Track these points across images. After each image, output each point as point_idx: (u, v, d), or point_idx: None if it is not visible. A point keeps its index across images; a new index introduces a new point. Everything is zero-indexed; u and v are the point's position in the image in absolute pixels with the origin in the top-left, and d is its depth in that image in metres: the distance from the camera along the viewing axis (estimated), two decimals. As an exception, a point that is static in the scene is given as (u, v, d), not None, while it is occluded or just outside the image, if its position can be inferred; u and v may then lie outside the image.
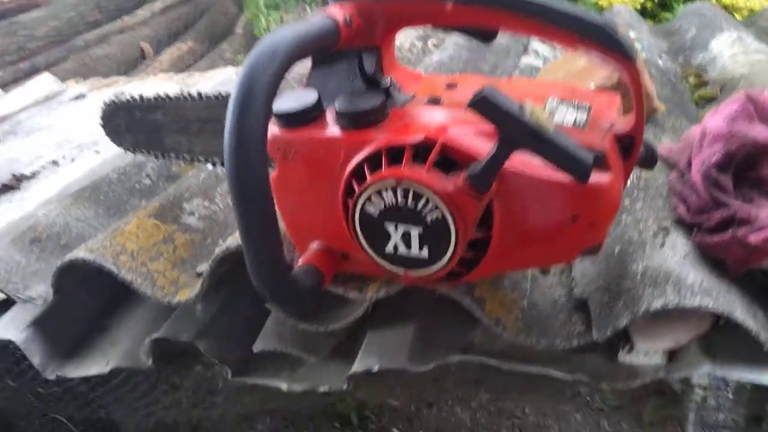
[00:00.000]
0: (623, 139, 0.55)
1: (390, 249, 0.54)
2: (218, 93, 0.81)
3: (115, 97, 0.87)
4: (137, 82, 1.77)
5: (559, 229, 0.52)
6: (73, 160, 1.22)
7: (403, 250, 0.53)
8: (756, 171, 0.66)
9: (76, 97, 1.62)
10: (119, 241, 0.76)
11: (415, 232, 0.52)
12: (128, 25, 3.48)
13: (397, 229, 0.52)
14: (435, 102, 0.58)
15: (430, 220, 0.51)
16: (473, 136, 0.52)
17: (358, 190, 0.52)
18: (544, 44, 1.47)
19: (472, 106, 0.46)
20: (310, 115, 0.57)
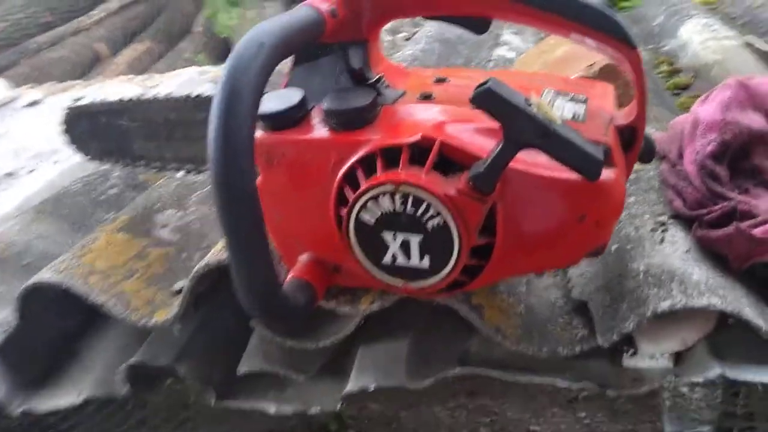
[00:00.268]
0: (624, 132, 0.53)
1: (388, 260, 0.50)
2: (186, 94, 0.76)
3: (77, 102, 0.82)
4: (96, 86, 1.70)
5: (565, 230, 0.49)
6: (31, 171, 1.15)
7: (402, 260, 0.50)
8: (749, 160, 0.65)
9: (31, 104, 1.54)
10: (88, 260, 0.71)
11: (415, 240, 0.48)
12: (82, 27, 3.35)
13: (395, 238, 0.49)
14: (427, 98, 0.55)
15: (431, 227, 0.47)
16: (473, 134, 0.49)
17: (352, 197, 0.48)
18: (516, 36, 1.46)
19: (475, 101, 0.43)
20: (296, 116, 0.53)
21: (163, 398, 0.77)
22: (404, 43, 1.54)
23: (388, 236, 0.49)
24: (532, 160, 0.47)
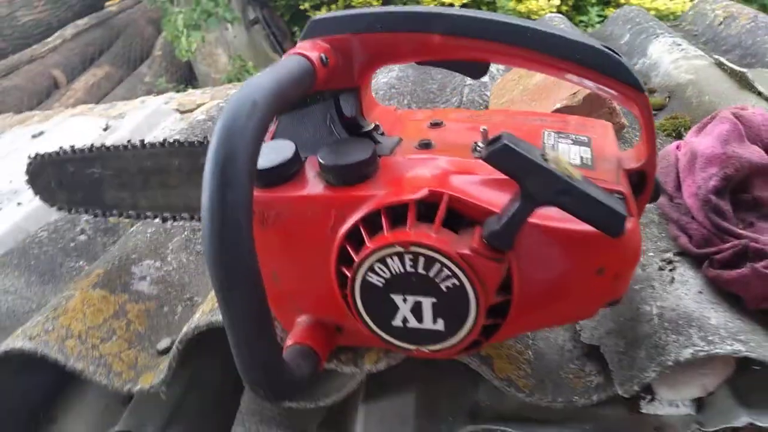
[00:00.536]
0: (633, 176, 0.51)
1: (398, 323, 0.47)
2: (164, 140, 0.72)
3: (37, 137, 0.76)
4: (56, 119, 1.63)
5: (583, 284, 0.46)
6: (-7, 215, 1.09)
7: (413, 323, 0.47)
8: (750, 193, 0.64)
9: (-13, 140, 1.46)
10: (63, 322, 0.66)
11: (428, 302, 0.45)
12: (38, 54, 3.25)
13: (405, 301, 0.46)
14: (426, 146, 0.52)
15: (445, 288, 0.44)
16: (480, 186, 0.46)
17: (357, 259, 0.45)
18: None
19: (491, 159, 0.40)
20: (289, 171, 0.49)
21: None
22: (377, 71, 1.52)
23: (397, 298, 0.46)
24: (545, 213, 0.44)
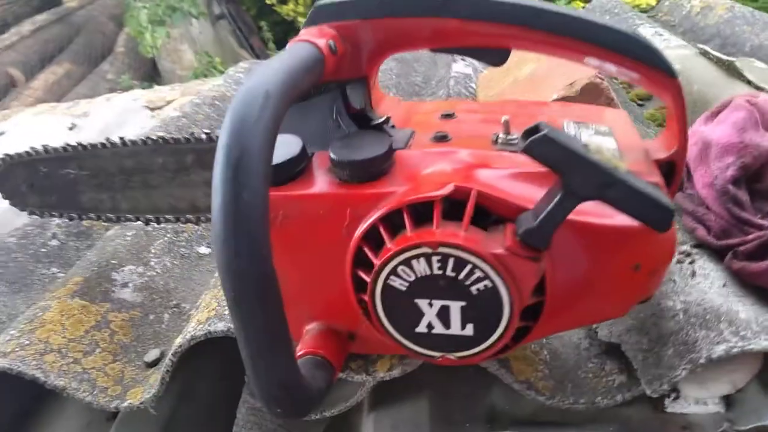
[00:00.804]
0: (662, 166, 0.48)
1: (422, 329, 0.43)
2: (146, 137, 0.67)
3: (11, 152, 0.70)
4: (16, 118, 1.54)
5: (618, 281, 0.44)
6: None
7: (439, 329, 0.43)
8: (765, 182, 0.62)
9: (-56, 141, 1.37)
10: (40, 335, 0.60)
11: (456, 306, 0.42)
12: (-8, 51, 3.11)
13: (431, 305, 0.42)
14: (442, 139, 0.48)
15: (475, 291, 0.41)
16: (509, 180, 0.43)
17: (377, 262, 0.41)
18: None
19: (530, 150, 0.37)
20: (296, 168, 0.45)
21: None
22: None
23: (422, 303, 0.42)
24: (579, 207, 0.41)
